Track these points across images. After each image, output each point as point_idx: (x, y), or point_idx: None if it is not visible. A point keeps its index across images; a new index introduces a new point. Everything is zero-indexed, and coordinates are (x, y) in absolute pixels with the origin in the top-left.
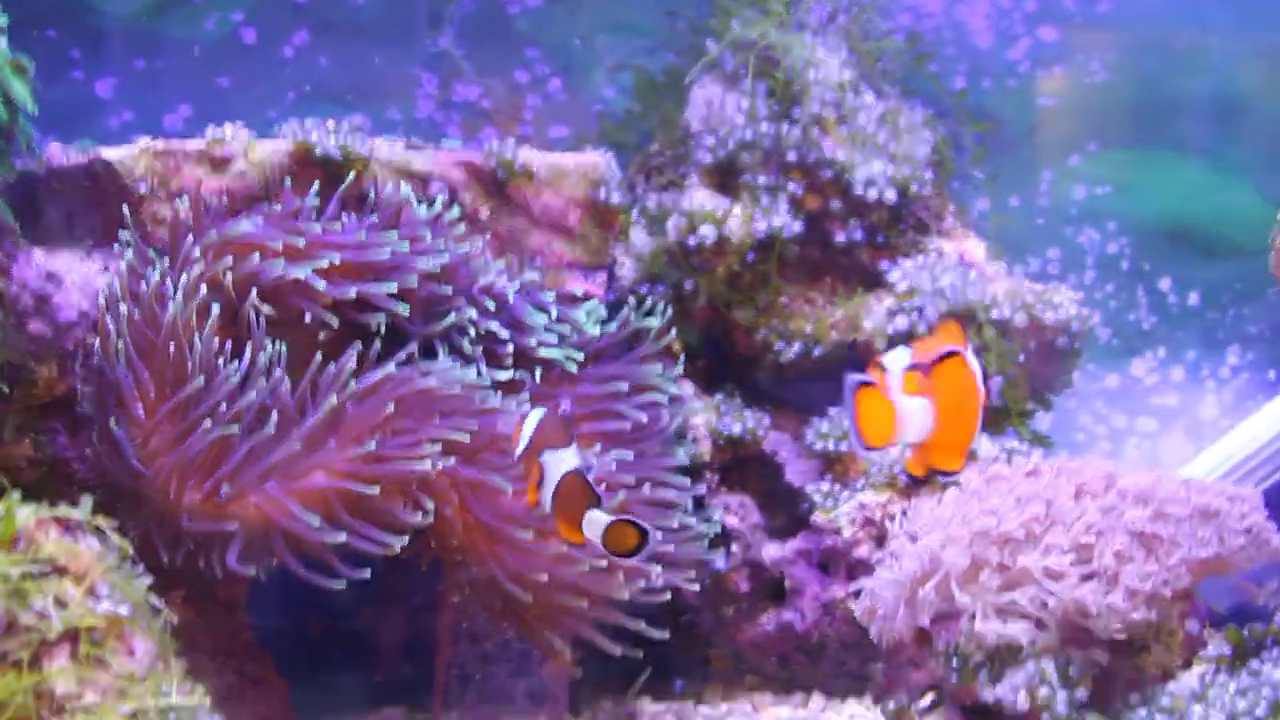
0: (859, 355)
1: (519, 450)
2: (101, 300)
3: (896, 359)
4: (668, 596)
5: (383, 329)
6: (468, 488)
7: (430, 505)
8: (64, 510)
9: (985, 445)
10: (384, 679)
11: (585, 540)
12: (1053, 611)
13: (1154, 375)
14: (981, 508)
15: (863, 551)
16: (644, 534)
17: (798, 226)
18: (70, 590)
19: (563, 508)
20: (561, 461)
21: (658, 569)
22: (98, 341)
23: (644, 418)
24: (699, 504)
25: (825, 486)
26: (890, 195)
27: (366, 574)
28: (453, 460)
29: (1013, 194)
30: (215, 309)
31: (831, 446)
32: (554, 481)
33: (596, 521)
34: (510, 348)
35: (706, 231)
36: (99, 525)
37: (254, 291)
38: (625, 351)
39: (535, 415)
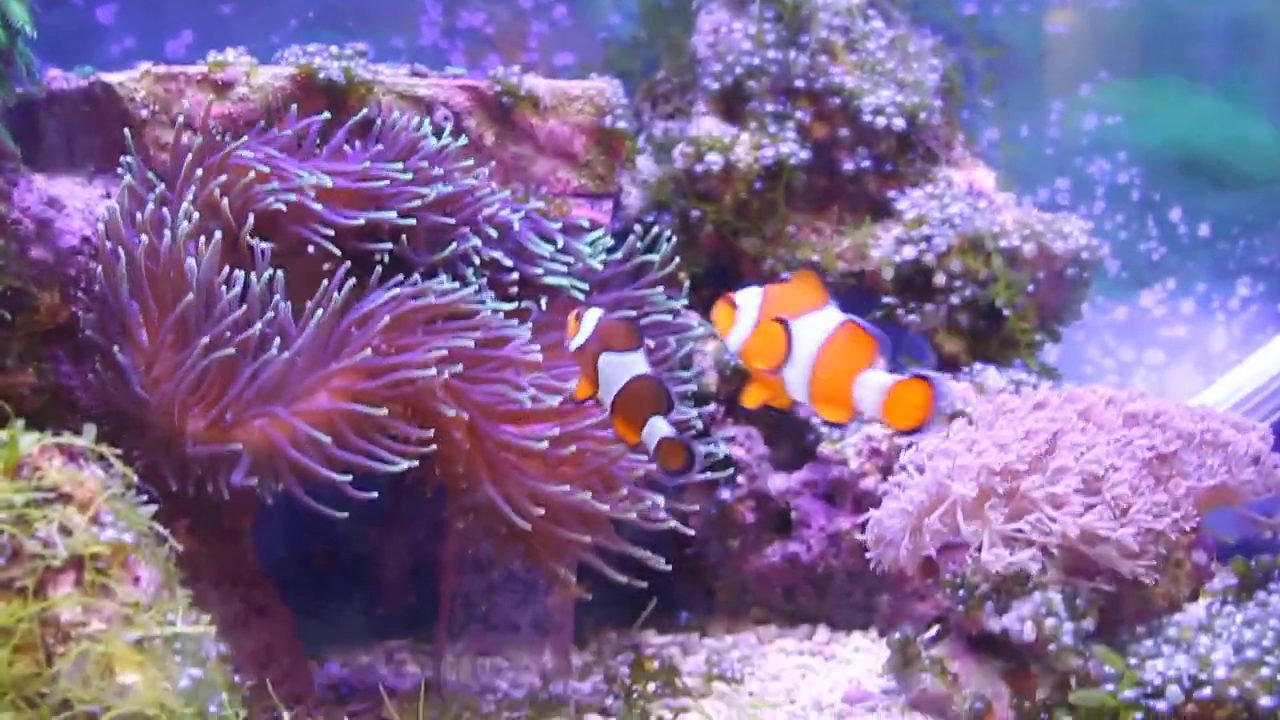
0: (866, 285)
1: (575, 344)
2: (102, 226)
3: (749, 299)
4: (672, 522)
5: (386, 259)
6: (475, 410)
7: (451, 412)
8: (68, 438)
9: (993, 376)
10: (388, 610)
11: (639, 442)
12: (1058, 541)
13: (1163, 307)
14: (989, 438)
15: (869, 483)
16: (692, 457)
17: (805, 154)
18: (75, 517)
19: (630, 407)
20: (631, 364)
21: (660, 499)
22: (100, 268)
23: (650, 344)
24: (704, 433)
25: None
26: (899, 123)
27: (374, 495)
28: (459, 367)
29: (1022, 123)
30: (217, 235)
31: None
32: (618, 381)
33: (655, 430)
34: (515, 275)
35: (713, 159)
36: (103, 453)
37: (250, 218)
38: (631, 280)
39: (594, 313)
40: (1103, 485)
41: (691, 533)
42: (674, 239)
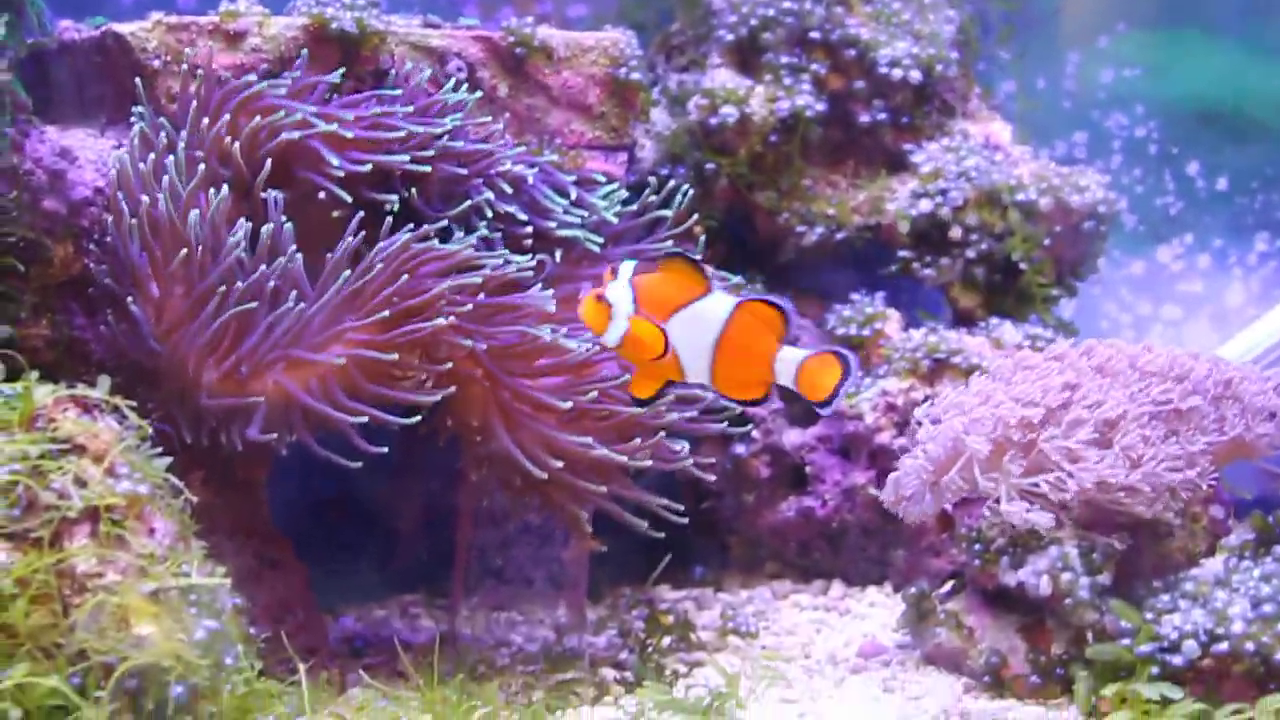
0: (882, 238)
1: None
2: (113, 175)
3: (621, 293)
4: (689, 462)
5: (396, 208)
6: (490, 358)
7: (468, 343)
8: (82, 390)
9: (1009, 331)
10: (402, 564)
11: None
12: (1075, 495)
13: (1180, 262)
14: (1007, 392)
15: (884, 438)
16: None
17: (821, 107)
18: (90, 469)
19: None
20: None
21: (683, 444)
22: (111, 219)
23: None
24: None
25: None
26: (915, 75)
27: (384, 450)
28: (469, 306)
29: (1039, 76)
30: (225, 189)
31: (854, 331)
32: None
33: None
34: (529, 229)
35: (728, 111)
36: (117, 404)
37: (268, 164)
38: (646, 234)
39: (629, 265)
40: (1115, 437)
41: (712, 478)
42: (690, 192)
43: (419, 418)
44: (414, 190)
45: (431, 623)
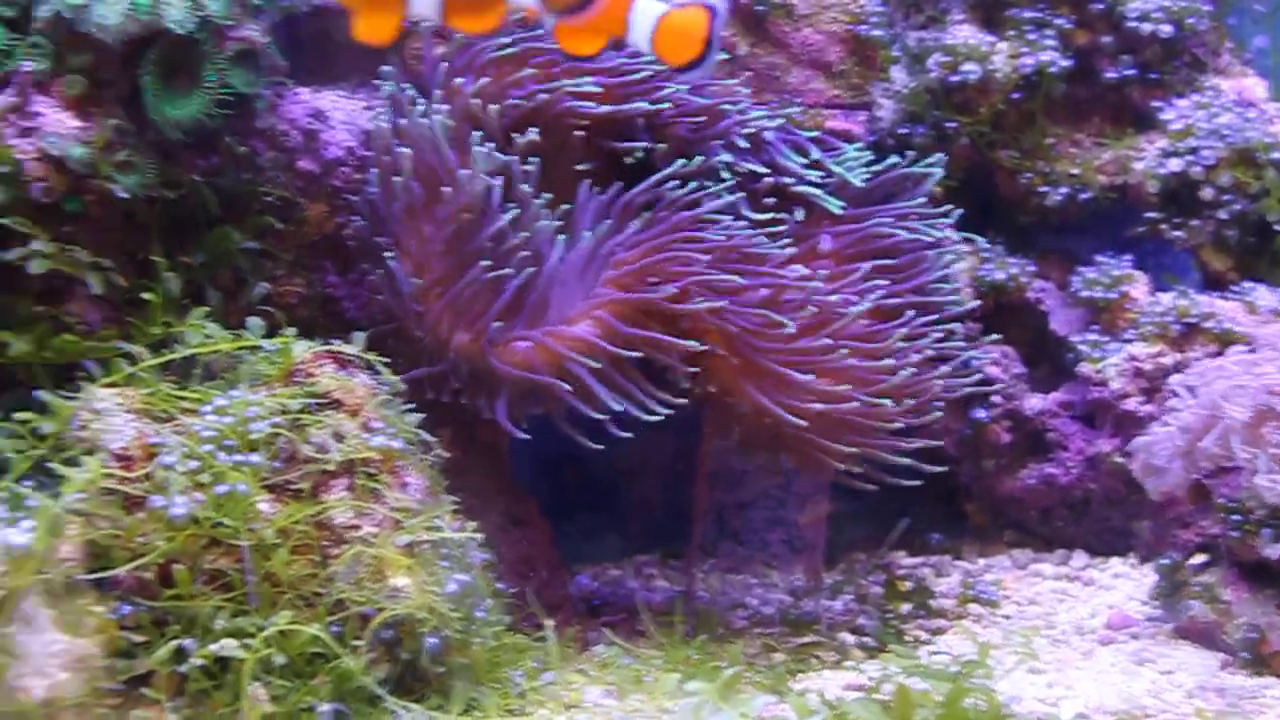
0: (1129, 199)
1: None
2: (380, 138)
3: None
4: (937, 415)
5: (640, 156)
6: (736, 336)
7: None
8: (338, 345)
9: (1264, 295)
10: (639, 525)
11: None
12: None
13: None
14: (1270, 360)
15: (1131, 404)
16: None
17: (1066, 62)
18: (346, 423)
19: None
20: None
21: (939, 384)
22: (371, 175)
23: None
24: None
25: (1092, 336)
26: (1165, 29)
27: (630, 435)
28: (724, 303)
29: None
30: (488, 148)
31: (1099, 295)
32: None
33: None
34: (768, 182)
35: (970, 69)
36: (371, 361)
37: (531, 132)
38: (888, 193)
39: None
40: None
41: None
42: (939, 157)
43: (668, 411)
44: (656, 145)
45: (666, 583)
